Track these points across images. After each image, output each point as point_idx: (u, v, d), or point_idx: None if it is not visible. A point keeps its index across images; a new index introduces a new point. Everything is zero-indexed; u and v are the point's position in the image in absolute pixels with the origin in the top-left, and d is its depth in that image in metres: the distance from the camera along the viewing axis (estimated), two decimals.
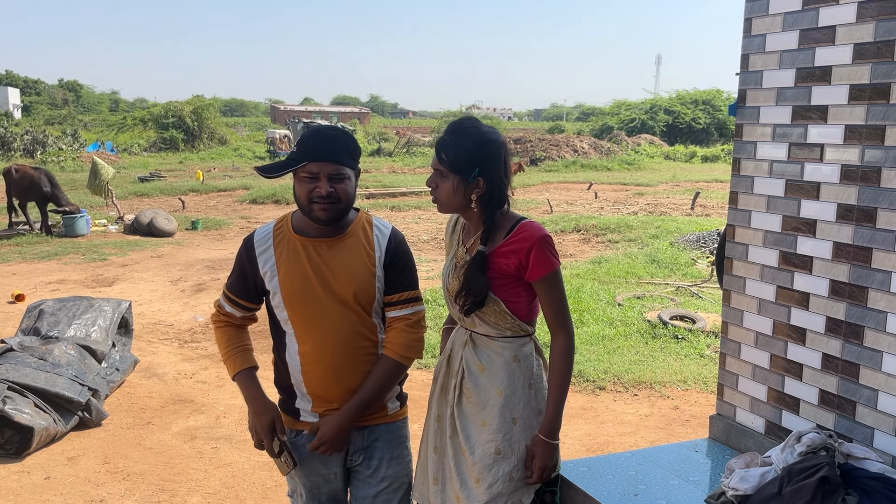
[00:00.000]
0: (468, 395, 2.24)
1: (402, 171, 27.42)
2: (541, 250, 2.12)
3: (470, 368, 2.25)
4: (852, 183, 2.43)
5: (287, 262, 2.18)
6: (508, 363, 2.21)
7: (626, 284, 8.73)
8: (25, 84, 69.33)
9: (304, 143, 2.13)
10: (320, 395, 2.22)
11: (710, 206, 16.62)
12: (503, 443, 2.19)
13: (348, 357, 2.19)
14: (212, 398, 5.33)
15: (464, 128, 2.17)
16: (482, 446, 2.20)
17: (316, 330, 2.17)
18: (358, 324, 2.19)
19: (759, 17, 2.74)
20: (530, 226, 2.17)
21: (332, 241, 2.19)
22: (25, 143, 29.24)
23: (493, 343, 2.23)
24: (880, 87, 2.33)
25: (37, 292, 8.42)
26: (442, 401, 2.34)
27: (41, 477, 4.12)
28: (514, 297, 2.19)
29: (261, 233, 2.26)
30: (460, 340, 2.31)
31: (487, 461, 2.18)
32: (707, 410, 4.85)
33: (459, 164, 2.13)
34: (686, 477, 2.69)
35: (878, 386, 2.39)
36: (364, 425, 2.26)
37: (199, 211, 16.55)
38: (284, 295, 2.17)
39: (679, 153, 35.07)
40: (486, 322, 2.21)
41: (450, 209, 2.21)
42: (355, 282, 2.16)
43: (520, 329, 2.22)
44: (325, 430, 2.18)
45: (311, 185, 2.10)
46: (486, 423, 2.20)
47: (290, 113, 54.46)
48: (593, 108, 65.27)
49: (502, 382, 2.20)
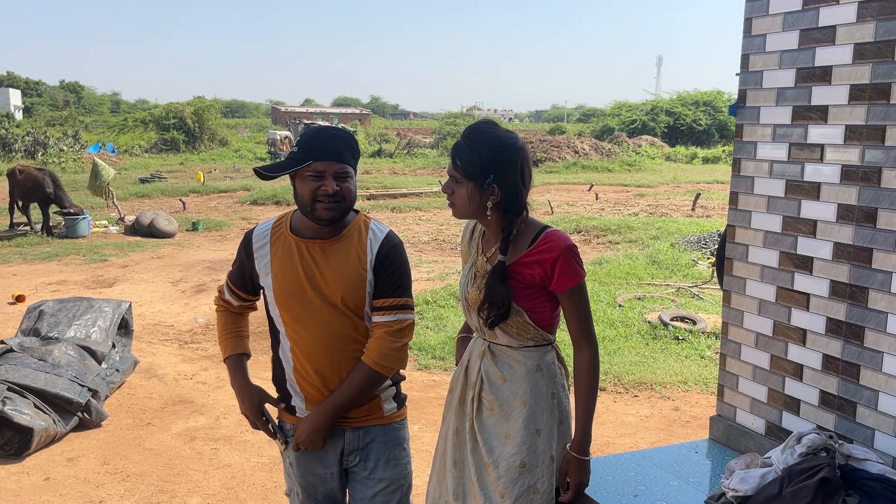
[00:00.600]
0: (489, 406, 2.18)
1: (402, 172, 27.42)
2: (567, 261, 2.06)
3: (490, 379, 2.18)
4: (853, 183, 2.43)
5: (280, 260, 2.19)
6: (531, 373, 2.15)
7: (627, 285, 8.73)
8: (27, 85, 69.33)
9: (307, 143, 2.12)
10: (310, 394, 2.22)
11: (710, 208, 16.62)
12: (528, 455, 2.12)
13: (337, 358, 2.18)
14: (212, 399, 5.33)
15: (479, 132, 2.10)
16: (507, 459, 2.13)
17: (305, 330, 2.18)
18: (348, 326, 2.18)
19: (759, 17, 2.73)
20: (556, 235, 2.10)
21: (325, 242, 2.18)
22: (26, 145, 29.25)
23: (515, 353, 2.16)
24: (881, 87, 2.33)
25: (37, 293, 8.43)
26: (460, 413, 2.26)
27: (41, 478, 4.12)
28: (538, 307, 2.13)
29: (260, 229, 2.28)
30: (478, 351, 2.24)
31: (513, 475, 2.12)
32: (708, 411, 4.84)
33: (473, 171, 2.06)
34: (686, 478, 2.69)
35: (879, 387, 2.38)
36: (358, 426, 2.25)
37: (199, 212, 16.55)
38: (276, 293, 2.19)
39: (680, 154, 35.07)
40: (508, 333, 2.15)
41: (466, 216, 2.15)
42: (345, 285, 2.15)
43: (542, 339, 2.16)
44: (300, 430, 2.21)
45: (317, 184, 2.09)
46: (511, 435, 2.14)
47: (291, 114, 54.46)
48: (594, 110, 65.29)
49: (526, 393, 2.14)
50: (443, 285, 8.57)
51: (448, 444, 2.30)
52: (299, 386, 2.23)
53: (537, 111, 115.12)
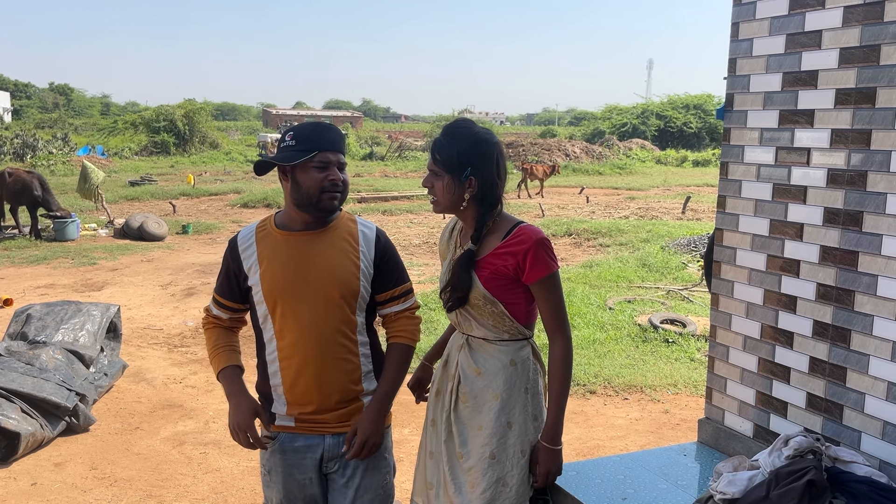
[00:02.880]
0: (464, 399, 2.24)
1: (394, 175, 27.40)
2: (538, 253, 2.13)
3: (465, 372, 2.24)
4: (839, 187, 2.44)
5: (269, 256, 2.21)
6: (506, 367, 2.21)
7: (618, 288, 8.75)
8: (16, 88, 68.92)
9: (308, 136, 2.16)
10: (295, 394, 2.20)
11: (701, 210, 16.69)
12: (498, 447, 2.18)
13: (327, 353, 2.18)
14: (201, 403, 5.30)
15: (457, 128, 2.21)
16: (477, 450, 2.19)
17: (294, 323, 2.17)
18: (338, 320, 2.19)
19: (746, 21, 2.75)
20: (529, 228, 2.19)
21: (314, 233, 2.21)
22: (15, 147, 29.05)
23: (491, 346, 2.23)
24: (866, 92, 2.34)
25: (25, 297, 8.37)
26: (437, 405, 2.34)
27: (28, 483, 4.08)
28: (513, 299, 2.19)
29: (244, 232, 2.30)
30: (457, 344, 2.31)
31: (482, 466, 2.17)
32: (697, 414, 4.86)
33: (452, 164, 2.15)
34: (674, 481, 2.69)
35: (865, 389, 2.39)
36: (339, 432, 2.23)
37: (189, 215, 16.50)
38: (264, 288, 2.19)
39: (670, 157, 35.22)
40: (484, 325, 2.21)
41: (445, 209, 2.23)
42: (336, 273, 2.18)
43: (518, 332, 2.22)
44: (363, 429, 2.19)
45: (323, 174, 2.14)
46: (483, 427, 2.20)
47: (283, 117, 54.41)
48: (585, 113, 65.54)
49: (499, 386, 2.20)
50: (434, 288, 8.57)
51: (426, 435, 2.38)
52: (284, 385, 2.21)
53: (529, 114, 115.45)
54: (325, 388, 2.19)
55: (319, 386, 2.19)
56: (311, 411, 2.21)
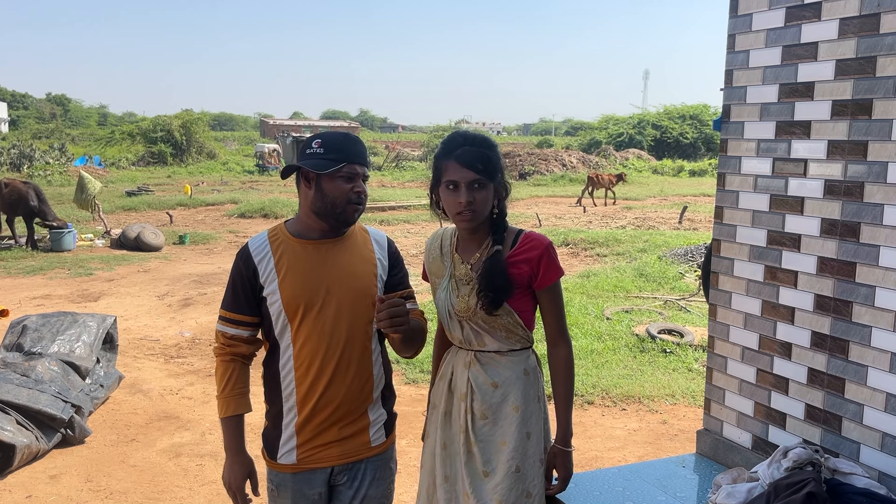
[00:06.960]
0: (481, 415, 2.19)
1: (391, 185, 27.43)
2: (551, 257, 2.15)
3: (480, 387, 2.19)
4: (836, 198, 2.45)
5: (288, 264, 2.17)
6: (521, 377, 2.19)
7: (615, 298, 8.74)
8: (13, 98, 68.96)
9: (338, 146, 2.15)
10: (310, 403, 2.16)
11: (697, 220, 16.71)
12: (521, 460, 2.16)
13: (344, 361, 2.16)
14: (197, 414, 5.28)
15: (482, 137, 2.21)
16: (504, 466, 2.15)
17: (314, 331, 2.15)
18: (357, 327, 2.18)
19: (742, 33, 2.76)
20: (535, 235, 2.20)
21: (332, 242, 2.21)
22: (12, 157, 29.05)
23: (503, 359, 2.20)
24: (862, 103, 2.35)
25: (21, 308, 8.34)
26: (446, 427, 2.27)
27: (23, 496, 4.06)
28: (524, 306, 2.19)
29: (256, 241, 2.24)
30: (462, 362, 2.25)
31: (509, 481, 2.14)
32: (695, 425, 4.85)
33: (494, 172, 2.14)
34: (673, 493, 2.68)
35: (864, 400, 2.39)
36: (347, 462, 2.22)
37: (186, 225, 16.48)
38: (284, 296, 2.15)
39: (667, 167, 35.30)
40: (497, 337, 2.19)
41: (481, 220, 2.17)
42: (359, 281, 2.19)
43: (526, 340, 2.22)
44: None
45: (349, 185, 2.14)
46: (506, 442, 2.16)
47: (280, 127, 54.39)
48: (582, 123, 65.79)
49: (518, 398, 2.17)
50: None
51: (437, 460, 2.29)
52: (297, 394, 2.17)
53: (525, 124, 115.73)
54: (338, 396, 2.17)
55: (334, 393, 2.17)
56: (320, 420, 2.17)
